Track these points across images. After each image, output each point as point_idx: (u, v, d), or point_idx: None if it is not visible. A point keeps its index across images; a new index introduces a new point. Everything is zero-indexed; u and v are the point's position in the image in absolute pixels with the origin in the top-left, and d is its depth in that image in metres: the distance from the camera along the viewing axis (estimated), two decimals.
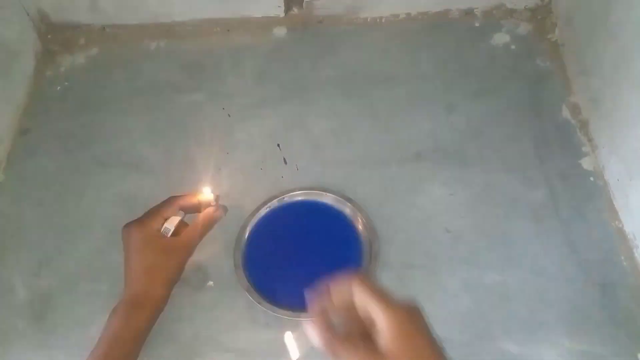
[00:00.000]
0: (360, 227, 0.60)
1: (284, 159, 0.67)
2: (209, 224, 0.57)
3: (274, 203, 0.62)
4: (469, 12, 0.79)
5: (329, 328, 0.37)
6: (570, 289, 0.57)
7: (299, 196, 0.63)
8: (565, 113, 0.69)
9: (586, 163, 0.66)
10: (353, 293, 0.37)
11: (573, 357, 0.54)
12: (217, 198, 0.58)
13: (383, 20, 0.80)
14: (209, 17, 0.78)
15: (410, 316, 0.36)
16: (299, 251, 0.60)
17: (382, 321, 0.35)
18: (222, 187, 0.63)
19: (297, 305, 0.54)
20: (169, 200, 0.55)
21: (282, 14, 0.78)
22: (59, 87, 0.75)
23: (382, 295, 0.36)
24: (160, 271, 0.52)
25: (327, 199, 0.62)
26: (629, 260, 0.59)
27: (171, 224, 0.54)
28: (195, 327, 0.57)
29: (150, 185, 0.66)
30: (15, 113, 0.72)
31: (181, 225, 0.55)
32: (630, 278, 0.58)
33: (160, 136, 0.70)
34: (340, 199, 0.62)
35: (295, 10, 0.79)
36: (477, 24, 0.78)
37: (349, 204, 0.61)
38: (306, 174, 0.65)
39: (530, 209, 0.62)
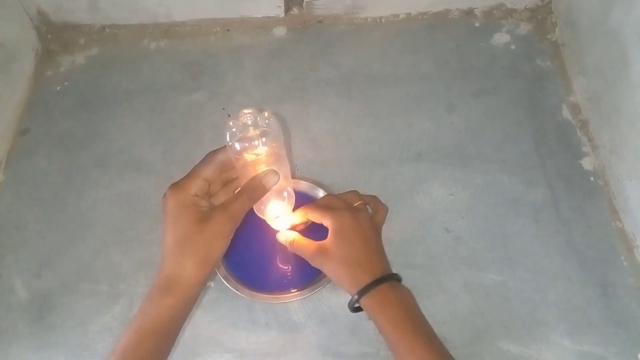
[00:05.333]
0: None
1: None
2: (258, 192, 0.47)
3: None
4: (469, 12, 0.79)
5: (292, 235, 0.52)
6: (571, 289, 0.57)
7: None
8: (566, 113, 0.69)
9: (586, 163, 0.66)
10: (306, 214, 0.52)
11: (573, 357, 0.54)
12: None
13: (383, 20, 0.79)
14: (208, 17, 0.78)
15: (350, 219, 0.50)
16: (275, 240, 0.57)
17: (327, 225, 0.50)
18: None
19: (276, 289, 0.56)
20: (207, 157, 0.47)
21: (282, 14, 0.78)
22: (58, 87, 0.75)
23: (328, 208, 0.51)
24: (193, 246, 0.44)
25: (302, 186, 0.62)
26: (629, 260, 0.59)
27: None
28: (195, 327, 0.57)
29: (149, 185, 0.66)
30: (15, 113, 0.72)
31: (224, 191, 0.49)
32: (630, 278, 0.58)
33: (160, 136, 0.70)
34: (314, 185, 0.62)
35: (295, 10, 0.79)
36: (477, 24, 0.78)
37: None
38: (306, 174, 0.65)
39: (530, 209, 0.62)
